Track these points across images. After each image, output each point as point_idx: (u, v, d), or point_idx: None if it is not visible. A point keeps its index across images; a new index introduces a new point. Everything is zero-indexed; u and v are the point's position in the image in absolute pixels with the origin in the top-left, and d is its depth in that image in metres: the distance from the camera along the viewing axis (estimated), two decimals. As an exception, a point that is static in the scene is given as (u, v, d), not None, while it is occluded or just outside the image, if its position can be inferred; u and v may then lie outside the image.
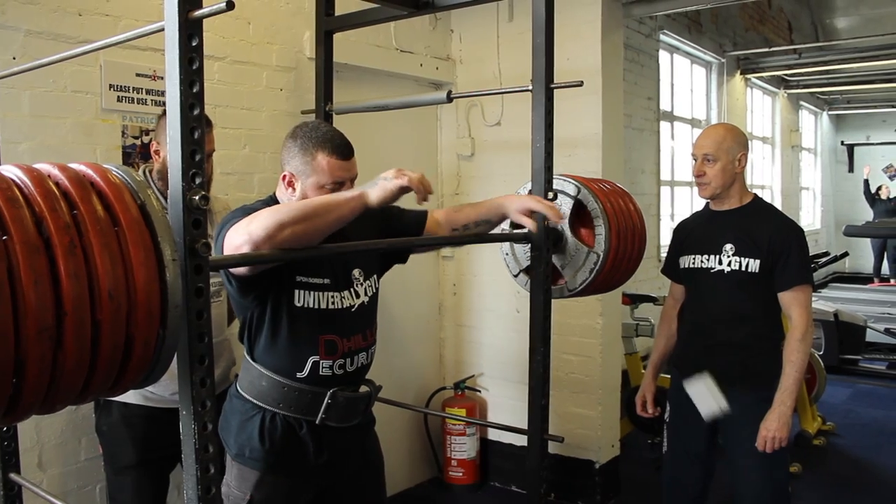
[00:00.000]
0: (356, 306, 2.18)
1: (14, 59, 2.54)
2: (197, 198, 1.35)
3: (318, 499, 2.26)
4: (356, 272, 2.20)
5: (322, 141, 2.05)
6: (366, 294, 2.22)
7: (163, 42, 1.40)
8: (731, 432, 2.80)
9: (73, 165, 1.29)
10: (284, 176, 2.09)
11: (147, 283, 1.19)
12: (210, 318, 1.42)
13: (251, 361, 2.13)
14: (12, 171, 1.22)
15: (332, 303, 2.11)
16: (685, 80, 7.13)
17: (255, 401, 2.10)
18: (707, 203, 2.95)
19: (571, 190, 2.54)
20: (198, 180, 1.37)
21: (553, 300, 2.52)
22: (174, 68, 1.36)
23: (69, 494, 2.78)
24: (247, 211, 1.91)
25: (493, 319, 4.42)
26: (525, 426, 2.53)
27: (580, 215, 2.57)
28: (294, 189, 2.08)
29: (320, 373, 2.10)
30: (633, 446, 4.54)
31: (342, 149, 2.06)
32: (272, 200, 2.16)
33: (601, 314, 4.00)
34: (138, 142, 2.96)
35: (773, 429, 2.63)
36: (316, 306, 2.08)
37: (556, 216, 2.33)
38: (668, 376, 3.14)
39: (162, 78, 2.96)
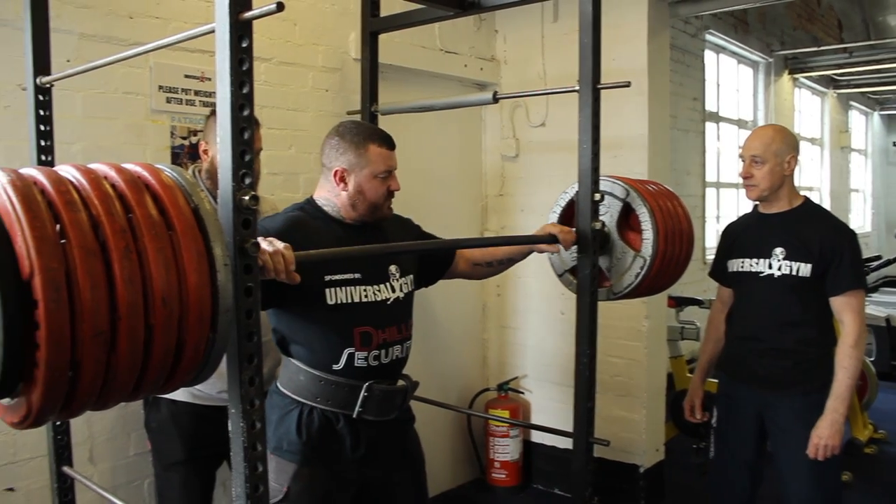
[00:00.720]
0: (391, 300, 2.22)
1: (68, 61, 2.59)
2: (247, 198, 1.35)
3: (359, 496, 2.27)
4: (392, 268, 2.25)
5: (371, 134, 2.20)
6: (401, 290, 2.26)
7: (211, 44, 1.41)
8: (781, 439, 2.75)
9: (128, 166, 1.31)
10: (336, 172, 2.18)
11: (199, 288, 1.20)
12: (259, 317, 1.42)
13: (290, 359, 2.18)
14: (70, 172, 1.24)
15: (366, 296, 2.15)
16: (731, 81, 7.02)
17: (293, 395, 2.15)
18: (755, 205, 2.91)
19: (619, 192, 2.51)
20: (247, 180, 1.37)
21: (598, 302, 2.50)
22: (224, 69, 1.36)
23: (118, 488, 2.83)
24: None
25: (537, 321, 4.40)
26: (569, 428, 2.51)
27: (628, 218, 2.55)
28: (346, 183, 2.18)
29: (356, 364, 2.13)
30: (678, 451, 4.48)
31: (389, 140, 2.22)
32: (308, 204, 2.25)
33: (646, 317, 3.96)
34: (186, 142, 3.00)
35: (825, 436, 2.58)
36: (349, 300, 2.12)
37: (569, 242, 2.39)
38: (716, 381, 3.09)
39: (210, 79, 3.03)
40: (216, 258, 1.23)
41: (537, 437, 4.44)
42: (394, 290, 2.23)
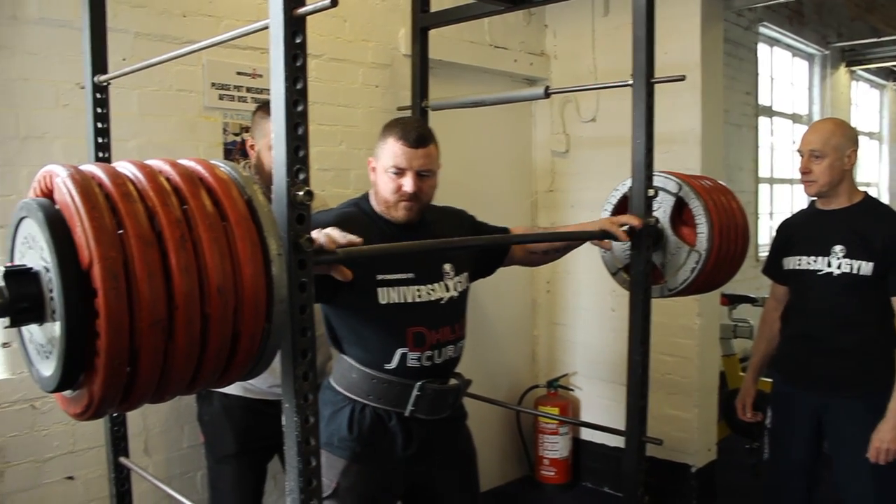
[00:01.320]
0: (445, 300, 2.19)
1: (124, 60, 2.63)
2: (301, 193, 1.36)
3: (410, 492, 2.27)
4: (447, 267, 2.21)
5: (397, 127, 2.11)
6: (455, 289, 2.23)
7: (263, 41, 1.42)
8: (840, 441, 2.68)
9: (183, 161, 1.32)
10: (370, 161, 2.18)
11: (254, 278, 1.20)
12: (312, 312, 1.43)
13: (342, 357, 2.18)
14: (127, 167, 1.25)
15: (419, 296, 2.12)
16: (785, 74, 6.88)
17: (345, 392, 2.14)
18: (812, 201, 2.84)
19: (672, 187, 2.47)
20: (301, 176, 1.38)
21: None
22: (279, 66, 1.37)
23: (172, 479, 2.87)
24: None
25: (587, 318, 4.36)
26: (619, 426, 2.48)
27: (681, 213, 2.51)
28: (374, 173, 2.16)
29: (408, 364, 2.11)
30: (731, 451, 4.40)
31: (410, 136, 2.07)
32: (362, 200, 2.23)
33: (699, 314, 3.90)
34: (238, 138, 3.03)
35: (886, 440, 2.51)
36: (402, 300, 2.09)
37: (624, 238, 2.31)
38: (769, 380, 3.03)
39: (261, 76, 3.05)
40: (270, 249, 1.23)
41: (586, 434, 4.41)
42: (448, 290, 2.20)
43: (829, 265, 2.67)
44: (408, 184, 2.08)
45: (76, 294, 1.12)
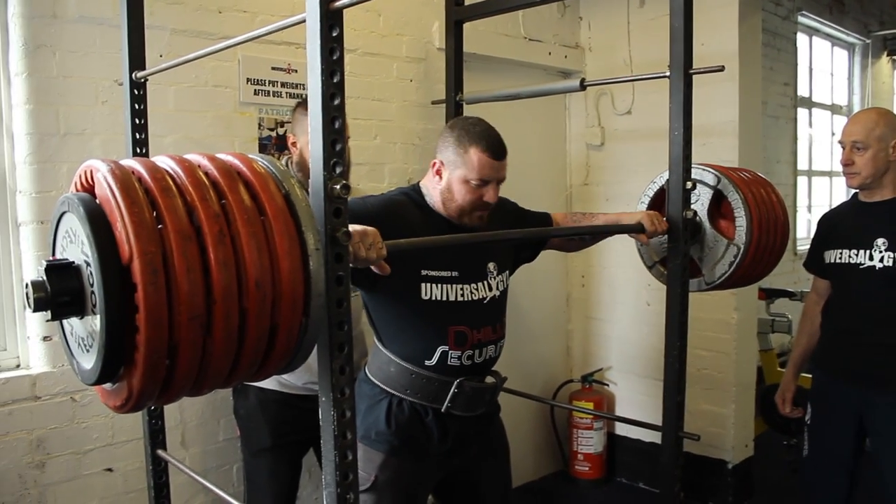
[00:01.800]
0: (488, 299, 2.18)
1: (161, 56, 2.66)
2: (338, 187, 1.35)
3: (442, 483, 2.28)
4: (491, 265, 2.21)
5: (478, 136, 2.07)
6: (498, 288, 2.22)
7: (297, 36, 1.42)
8: (884, 438, 2.63)
9: (221, 155, 1.33)
10: (434, 163, 2.13)
11: (292, 272, 1.20)
12: (350, 306, 1.43)
13: (380, 347, 2.17)
14: (165, 162, 1.26)
15: (462, 294, 2.11)
16: (825, 64, 6.76)
17: (382, 385, 2.15)
18: (855, 193, 2.78)
19: (711, 179, 2.44)
20: (338, 169, 1.37)
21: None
22: (315, 59, 1.36)
23: (208, 472, 2.90)
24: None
25: (622, 312, 4.33)
26: (654, 421, 2.46)
27: (720, 206, 2.47)
28: (441, 178, 2.12)
29: (448, 363, 2.11)
30: (768, 447, 4.34)
31: (495, 148, 2.08)
32: (413, 191, 2.20)
33: (736, 308, 3.85)
34: (273, 133, 3.05)
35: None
36: (444, 298, 2.09)
37: (657, 232, 2.32)
38: (809, 376, 2.99)
39: (296, 70, 3.06)
40: (308, 243, 1.23)
41: (621, 429, 4.38)
42: (491, 289, 2.19)
43: (872, 258, 2.61)
44: (491, 195, 2.10)
45: (116, 289, 1.13)
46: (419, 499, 2.24)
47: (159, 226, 1.14)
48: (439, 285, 2.08)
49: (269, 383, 2.58)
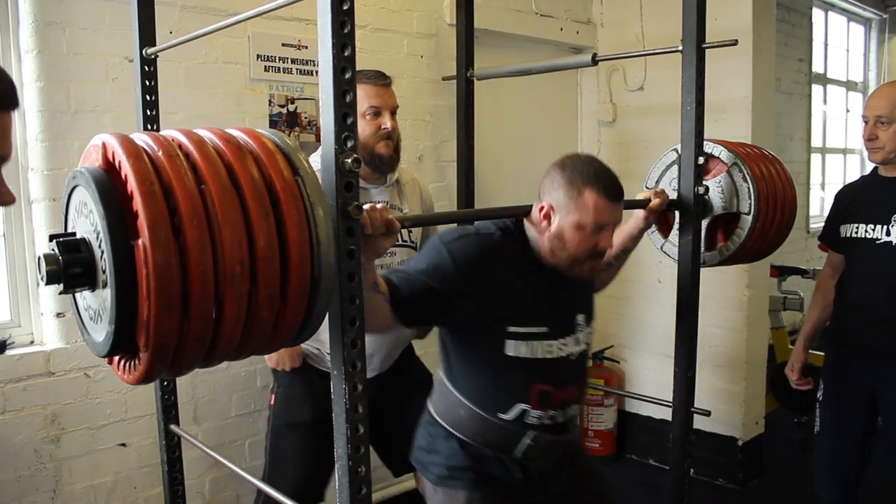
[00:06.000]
0: (576, 354, 2.00)
1: (171, 33, 2.65)
2: (349, 161, 1.35)
3: None
4: (580, 317, 2.02)
5: (593, 177, 1.86)
6: (585, 342, 2.04)
7: (307, 12, 1.41)
8: (895, 414, 2.62)
9: (230, 130, 1.34)
10: (542, 207, 1.90)
11: (300, 244, 1.21)
12: (361, 281, 1.43)
13: (449, 385, 1.98)
14: (176, 136, 1.27)
15: (549, 351, 1.93)
16: (840, 40, 6.68)
17: (450, 429, 1.97)
18: (874, 168, 2.75)
19: (725, 157, 2.43)
20: (349, 143, 1.37)
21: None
22: (326, 33, 1.36)
23: (221, 447, 2.92)
24: (443, 251, 1.83)
25: (633, 289, 4.32)
26: (665, 398, 2.46)
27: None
28: (550, 223, 1.89)
29: (526, 421, 1.94)
30: (778, 424, 4.34)
31: (613, 190, 1.88)
32: (515, 227, 1.97)
33: (748, 286, 3.84)
34: (284, 110, 3.04)
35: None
36: (531, 356, 1.90)
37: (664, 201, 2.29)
38: (821, 354, 2.97)
39: (306, 47, 3.05)
40: (317, 216, 1.23)
41: (632, 406, 4.39)
42: (578, 343, 2.00)
43: (889, 234, 2.59)
44: (607, 241, 1.90)
45: (126, 261, 1.14)
46: None
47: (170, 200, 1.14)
48: (527, 342, 1.89)
49: (319, 362, 2.56)
